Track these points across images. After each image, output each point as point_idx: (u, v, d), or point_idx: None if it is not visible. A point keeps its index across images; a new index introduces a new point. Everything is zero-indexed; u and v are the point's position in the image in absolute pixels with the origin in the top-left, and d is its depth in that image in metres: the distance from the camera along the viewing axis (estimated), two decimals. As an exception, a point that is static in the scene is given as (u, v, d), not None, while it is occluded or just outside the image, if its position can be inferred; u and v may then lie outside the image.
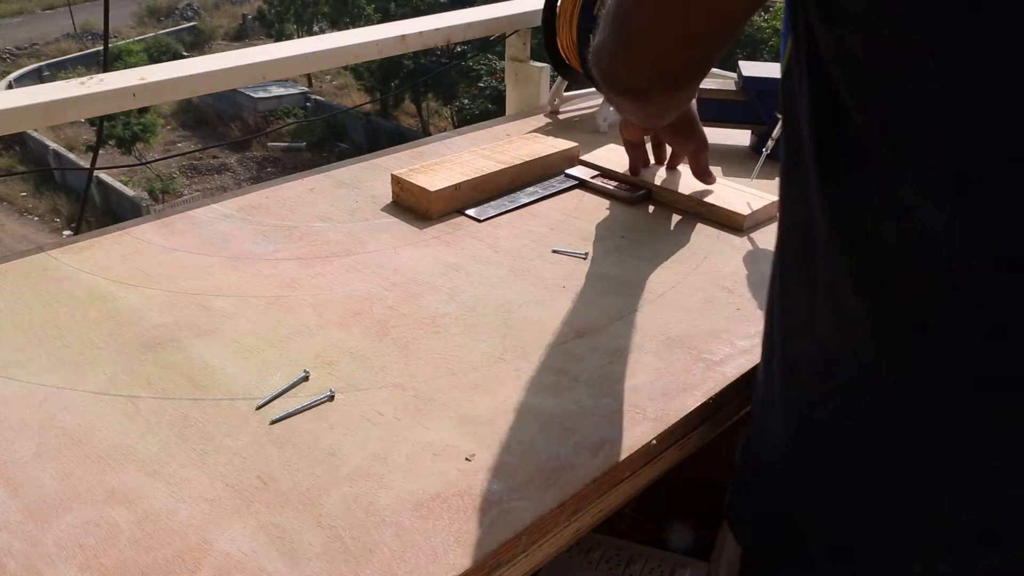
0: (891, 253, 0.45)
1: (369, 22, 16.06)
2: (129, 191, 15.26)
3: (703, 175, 0.95)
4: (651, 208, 0.98)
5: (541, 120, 1.25)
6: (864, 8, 0.41)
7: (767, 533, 0.59)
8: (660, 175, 1.01)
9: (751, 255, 0.87)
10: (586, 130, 1.21)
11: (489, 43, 1.46)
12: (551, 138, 1.08)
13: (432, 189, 0.93)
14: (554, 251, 0.87)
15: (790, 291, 0.54)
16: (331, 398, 0.64)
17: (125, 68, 1.00)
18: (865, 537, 0.52)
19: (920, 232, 0.43)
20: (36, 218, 15.39)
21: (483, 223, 0.93)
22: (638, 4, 0.54)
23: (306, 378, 0.66)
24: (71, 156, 15.88)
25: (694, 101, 0.93)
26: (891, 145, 0.43)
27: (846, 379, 0.50)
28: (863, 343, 0.48)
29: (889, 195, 0.44)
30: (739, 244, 0.89)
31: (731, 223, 0.92)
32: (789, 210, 0.53)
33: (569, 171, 1.05)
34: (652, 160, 1.03)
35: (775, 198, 0.87)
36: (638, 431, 0.61)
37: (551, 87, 1.28)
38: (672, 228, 0.93)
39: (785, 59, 0.52)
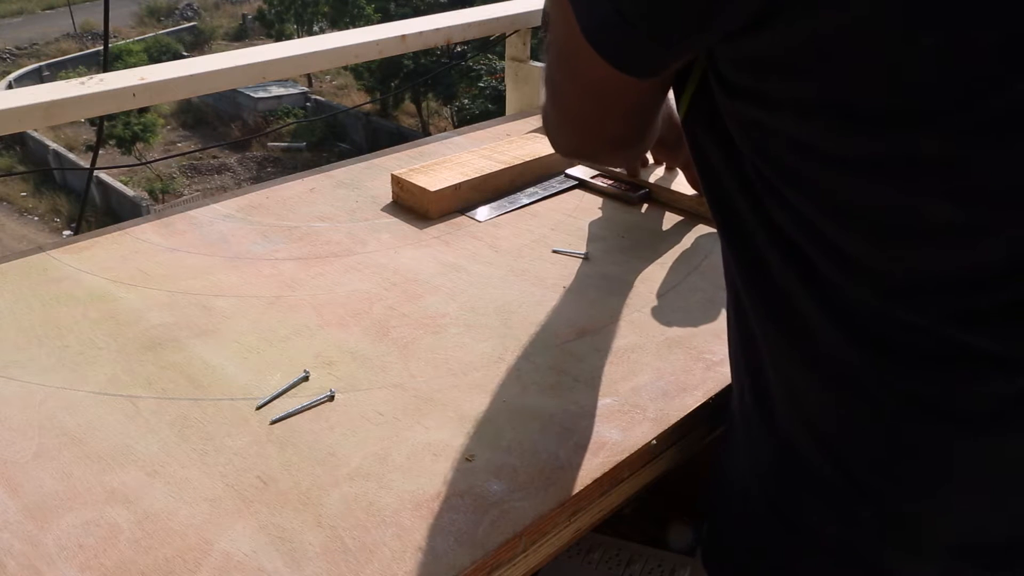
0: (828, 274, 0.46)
1: (369, 22, 16.05)
2: (129, 191, 15.25)
3: (699, 187, 0.93)
4: (651, 208, 0.98)
5: (541, 120, 1.25)
6: (756, 83, 0.43)
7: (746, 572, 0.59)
8: (659, 174, 1.01)
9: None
10: (586, 130, 1.20)
11: (489, 43, 1.46)
12: (551, 138, 1.08)
13: (432, 189, 0.93)
14: (554, 251, 0.87)
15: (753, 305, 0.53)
16: (331, 398, 0.64)
17: (125, 68, 1.00)
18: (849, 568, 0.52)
19: (843, 265, 0.45)
20: (36, 218, 15.39)
21: (483, 223, 0.93)
22: (563, 79, 0.53)
23: (306, 378, 0.66)
24: (71, 156, 15.88)
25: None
26: (802, 196, 0.45)
27: (819, 397, 0.50)
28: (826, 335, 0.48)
29: (803, 223, 0.45)
30: (739, 244, 0.89)
31: (731, 223, 0.92)
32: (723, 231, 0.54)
33: (569, 171, 1.05)
34: (651, 160, 1.03)
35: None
36: (638, 431, 0.61)
37: (551, 87, 1.28)
38: (672, 228, 0.93)
39: (683, 107, 0.53)
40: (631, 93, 0.51)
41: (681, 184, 0.97)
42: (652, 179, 1.00)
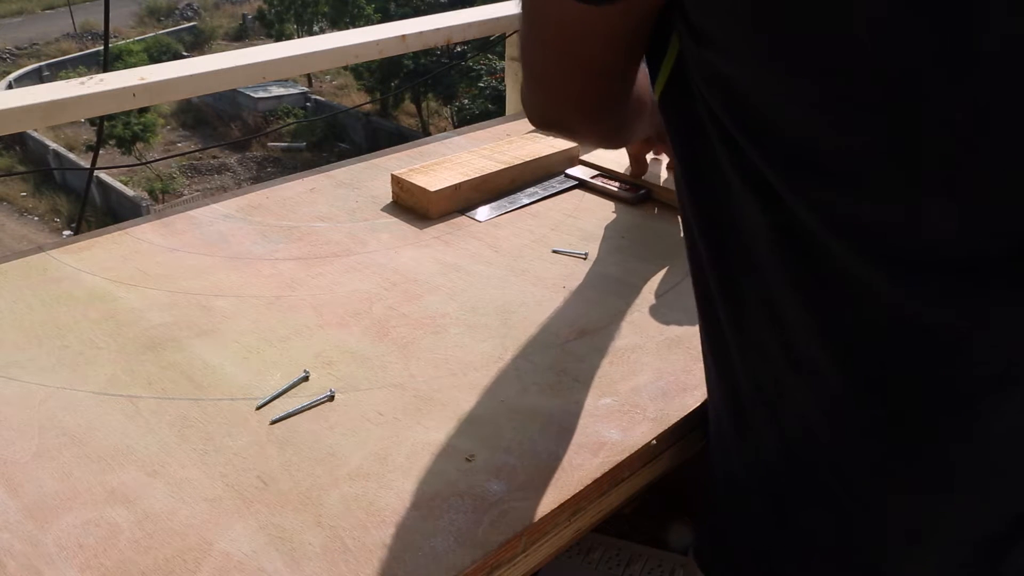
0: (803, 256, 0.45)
1: (369, 22, 16.05)
2: (129, 191, 15.26)
3: None
4: (652, 208, 0.98)
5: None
6: (722, 36, 0.43)
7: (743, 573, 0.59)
8: (661, 175, 1.01)
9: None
10: (586, 130, 1.20)
11: (489, 43, 1.46)
12: (551, 138, 1.08)
13: (432, 189, 0.93)
14: (554, 251, 0.87)
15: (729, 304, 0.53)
16: (331, 398, 0.64)
17: (125, 68, 1.00)
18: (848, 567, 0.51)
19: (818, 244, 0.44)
20: (36, 218, 15.40)
21: (483, 223, 0.93)
22: (528, 30, 0.54)
23: (306, 378, 0.66)
24: (71, 156, 15.88)
25: None
26: (760, 152, 0.44)
27: (801, 396, 0.49)
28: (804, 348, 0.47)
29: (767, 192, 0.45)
30: (739, 244, 0.89)
31: (731, 223, 0.92)
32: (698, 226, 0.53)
33: (569, 171, 1.05)
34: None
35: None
36: (638, 431, 0.61)
37: (551, 87, 1.28)
38: (672, 228, 0.93)
39: (659, 84, 0.52)
40: (594, 43, 0.51)
41: (681, 184, 0.97)
42: (652, 179, 1.00)
